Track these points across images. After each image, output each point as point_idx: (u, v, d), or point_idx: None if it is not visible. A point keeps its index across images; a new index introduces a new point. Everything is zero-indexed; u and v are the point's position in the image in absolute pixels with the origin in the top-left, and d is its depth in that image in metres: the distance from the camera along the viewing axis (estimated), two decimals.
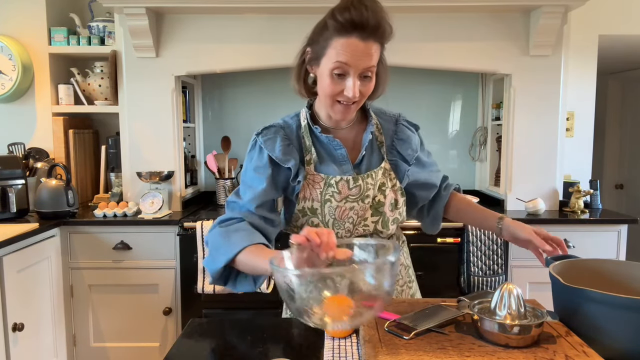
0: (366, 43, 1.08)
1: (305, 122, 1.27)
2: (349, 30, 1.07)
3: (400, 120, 1.35)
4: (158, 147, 2.69)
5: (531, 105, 2.66)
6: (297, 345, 1.06)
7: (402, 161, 1.30)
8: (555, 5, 2.45)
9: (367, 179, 1.23)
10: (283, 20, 2.59)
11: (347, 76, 1.10)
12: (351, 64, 1.09)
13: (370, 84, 1.14)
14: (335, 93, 1.13)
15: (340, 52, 1.09)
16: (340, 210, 1.22)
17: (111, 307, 2.50)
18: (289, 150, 1.22)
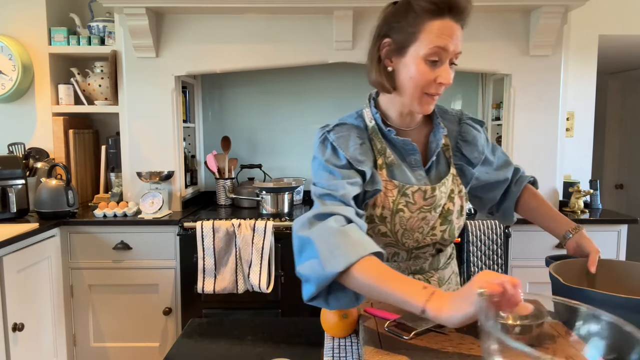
0: (458, 25, 1.02)
1: (373, 122, 1.15)
2: (444, 11, 1.00)
3: (464, 119, 1.25)
4: (158, 147, 2.69)
5: (531, 105, 2.66)
6: (297, 345, 1.06)
7: (467, 165, 1.21)
8: (555, 5, 2.45)
9: (440, 187, 1.15)
10: (283, 20, 2.59)
11: (440, 63, 1.02)
12: (448, 47, 1.00)
13: (453, 72, 1.05)
14: (427, 82, 1.03)
15: (438, 35, 1.00)
16: (412, 221, 1.13)
17: (111, 307, 2.50)
18: (363, 150, 1.09)
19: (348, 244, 0.91)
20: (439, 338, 0.97)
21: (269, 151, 3.19)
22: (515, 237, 2.46)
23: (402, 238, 1.15)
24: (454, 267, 1.32)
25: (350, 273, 0.88)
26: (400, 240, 1.15)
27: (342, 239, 0.91)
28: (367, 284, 0.87)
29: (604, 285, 1.07)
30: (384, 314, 1.07)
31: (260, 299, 2.39)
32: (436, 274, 1.24)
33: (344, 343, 1.03)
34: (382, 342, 0.95)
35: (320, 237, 0.93)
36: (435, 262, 1.24)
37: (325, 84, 3.11)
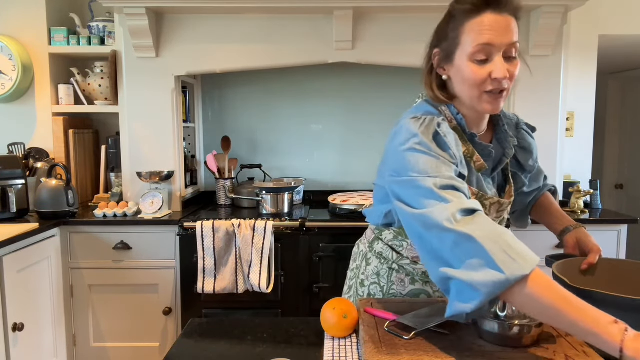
0: (503, 16, 0.97)
1: (455, 123, 1.07)
2: (481, 8, 0.98)
3: (521, 124, 1.21)
4: (158, 147, 2.69)
5: (531, 105, 2.66)
6: (297, 345, 1.06)
7: (521, 173, 1.18)
8: (555, 5, 2.45)
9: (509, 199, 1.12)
10: (283, 20, 2.59)
11: (491, 59, 0.99)
12: (493, 41, 0.97)
13: (516, 65, 1.01)
14: (482, 80, 0.99)
15: (478, 32, 0.98)
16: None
17: (111, 307, 2.50)
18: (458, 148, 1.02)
19: (518, 245, 0.81)
20: (439, 338, 0.97)
21: (269, 151, 3.19)
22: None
23: None
24: None
25: (524, 286, 0.78)
26: None
27: (510, 239, 0.82)
28: (542, 302, 0.78)
29: (609, 284, 1.06)
30: (384, 314, 1.07)
31: (260, 299, 2.39)
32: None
33: (344, 343, 1.03)
34: (382, 342, 0.95)
35: (487, 236, 0.82)
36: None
37: (325, 84, 3.11)
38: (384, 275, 1.25)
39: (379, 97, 3.10)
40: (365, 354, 0.91)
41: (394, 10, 2.52)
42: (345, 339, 1.05)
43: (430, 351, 0.91)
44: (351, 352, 0.98)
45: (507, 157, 1.12)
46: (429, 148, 0.98)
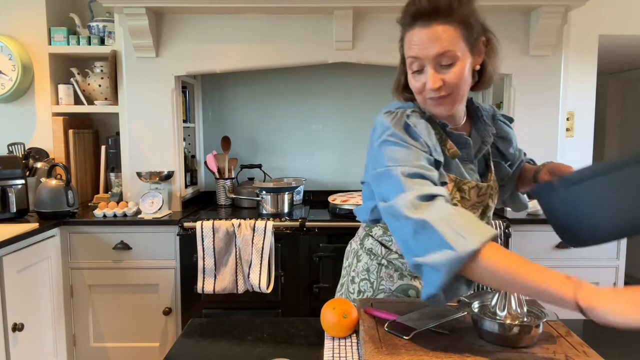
0: (430, 28, 1.00)
1: (427, 115, 1.12)
2: (411, 22, 1.03)
3: (498, 116, 1.25)
4: (158, 147, 2.69)
5: (531, 105, 2.66)
6: (297, 345, 1.06)
7: (503, 162, 1.23)
8: (555, 5, 2.45)
9: (492, 184, 1.16)
10: (283, 20, 2.59)
11: (425, 70, 1.04)
12: (419, 55, 1.02)
13: (454, 71, 1.02)
14: (419, 89, 1.07)
15: (408, 46, 1.04)
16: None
17: (111, 307, 2.50)
18: (431, 137, 1.06)
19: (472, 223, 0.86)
20: (439, 338, 0.97)
21: (269, 151, 3.19)
22: (515, 237, 2.46)
23: None
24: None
25: (478, 259, 0.84)
26: None
27: (464, 219, 0.87)
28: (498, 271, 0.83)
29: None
30: (384, 314, 1.07)
31: (260, 299, 2.39)
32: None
33: (344, 343, 1.03)
34: (382, 342, 0.95)
35: (440, 219, 0.87)
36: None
37: (325, 84, 3.11)
38: (374, 271, 1.27)
39: (379, 97, 3.10)
40: (365, 354, 0.91)
41: (394, 10, 2.51)
42: (345, 339, 1.05)
43: (430, 351, 0.91)
44: (351, 352, 0.98)
45: (486, 144, 1.17)
46: (401, 139, 1.03)
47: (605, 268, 2.50)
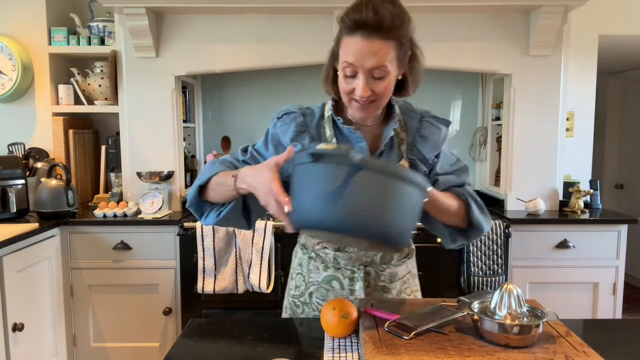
0: (371, 41, 1.04)
1: (330, 113, 1.25)
2: (352, 29, 1.06)
3: (426, 116, 1.28)
4: (158, 147, 2.69)
5: (531, 105, 2.66)
6: (297, 345, 1.06)
7: (420, 161, 1.24)
8: (555, 5, 2.45)
9: None
10: (283, 20, 2.59)
11: (357, 76, 1.08)
12: (356, 63, 1.06)
13: (384, 83, 1.09)
14: (348, 91, 1.11)
15: (346, 51, 1.07)
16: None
17: (111, 307, 2.50)
18: (300, 137, 1.21)
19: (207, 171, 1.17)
20: (439, 338, 0.97)
21: None
22: (515, 237, 2.46)
23: None
24: (410, 267, 1.35)
25: (208, 185, 1.16)
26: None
27: (207, 169, 1.19)
28: (214, 189, 1.15)
29: None
30: (384, 314, 1.07)
31: (260, 299, 2.39)
32: (387, 269, 1.28)
33: (344, 343, 1.03)
34: (382, 342, 0.95)
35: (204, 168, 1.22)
36: (387, 258, 1.28)
37: None
38: (305, 265, 1.33)
39: None
40: (365, 354, 0.91)
41: None
42: (345, 339, 1.05)
43: (430, 351, 0.91)
44: (351, 352, 0.98)
45: (385, 139, 1.21)
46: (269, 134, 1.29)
47: (605, 268, 2.50)
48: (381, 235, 0.89)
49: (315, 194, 0.88)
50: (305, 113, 1.26)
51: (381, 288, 1.28)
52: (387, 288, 1.28)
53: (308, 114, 1.27)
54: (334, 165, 0.87)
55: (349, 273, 1.25)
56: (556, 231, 2.48)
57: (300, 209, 0.91)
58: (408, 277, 1.34)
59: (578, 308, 2.52)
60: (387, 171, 0.88)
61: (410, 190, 0.91)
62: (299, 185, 0.92)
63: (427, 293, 1.49)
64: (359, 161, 0.86)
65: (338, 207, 0.86)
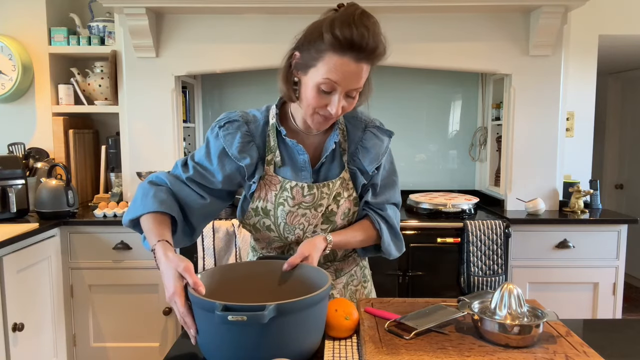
0: (358, 64, 1.05)
1: (274, 120, 1.24)
2: (344, 49, 1.03)
3: (370, 126, 1.27)
4: (158, 147, 2.69)
5: (531, 105, 2.66)
6: None
7: (360, 172, 1.24)
8: (555, 5, 2.45)
9: (322, 188, 1.20)
10: (283, 20, 2.59)
11: (333, 93, 1.07)
12: (340, 83, 1.06)
13: (353, 103, 1.11)
14: (318, 106, 1.10)
15: (332, 70, 1.05)
16: (291, 216, 1.20)
17: (111, 307, 2.50)
18: (247, 147, 1.19)
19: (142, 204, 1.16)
20: (439, 338, 0.97)
21: None
22: (515, 237, 2.46)
23: (285, 232, 1.22)
24: (359, 261, 1.37)
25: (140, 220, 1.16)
26: (282, 234, 1.22)
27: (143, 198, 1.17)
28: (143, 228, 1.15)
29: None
30: (384, 313, 1.07)
31: None
32: (332, 266, 1.31)
33: (344, 343, 1.03)
34: (382, 342, 0.95)
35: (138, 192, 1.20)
36: (331, 255, 1.29)
37: None
38: None
39: (378, 96, 3.10)
40: (365, 354, 0.91)
41: (393, 10, 2.52)
42: (345, 339, 1.05)
43: (430, 351, 0.91)
44: (351, 352, 0.98)
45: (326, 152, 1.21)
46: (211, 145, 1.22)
47: (605, 268, 2.50)
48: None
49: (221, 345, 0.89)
50: (248, 120, 1.24)
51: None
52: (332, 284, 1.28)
53: (251, 121, 1.24)
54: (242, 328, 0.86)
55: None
56: (556, 231, 2.48)
57: (202, 342, 0.95)
58: (355, 270, 1.36)
59: (578, 308, 2.52)
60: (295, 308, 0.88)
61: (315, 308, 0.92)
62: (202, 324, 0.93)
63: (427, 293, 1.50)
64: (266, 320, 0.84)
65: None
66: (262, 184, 1.21)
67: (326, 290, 0.94)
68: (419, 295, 2.35)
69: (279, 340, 0.87)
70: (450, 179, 3.21)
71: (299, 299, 0.87)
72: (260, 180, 1.21)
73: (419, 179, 3.17)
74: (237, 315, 0.82)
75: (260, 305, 0.83)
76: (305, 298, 0.88)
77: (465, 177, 3.21)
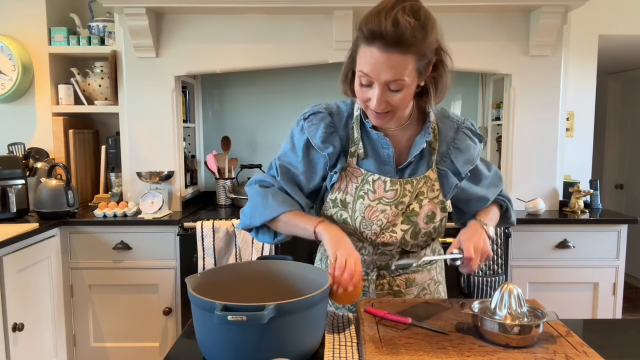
0: (388, 54, 0.99)
1: (358, 112, 1.20)
2: (370, 39, 1.00)
3: (463, 127, 1.24)
4: (158, 147, 2.69)
5: (531, 105, 2.66)
6: None
7: (452, 173, 1.21)
8: (555, 5, 2.45)
9: (405, 185, 1.17)
10: (283, 20, 2.59)
11: (373, 86, 1.05)
12: (372, 75, 1.02)
13: (400, 96, 1.05)
14: (363, 99, 1.08)
15: (362, 61, 1.03)
16: (370, 210, 1.18)
17: (111, 307, 2.50)
18: (330, 138, 1.18)
19: (266, 207, 1.19)
20: (439, 338, 0.97)
21: (269, 151, 3.19)
22: (515, 237, 2.46)
23: (361, 227, 1.19)
24: (433, 274, 1.31)
25: (276, 220, 1.19)
26: (358, 228, 1.20)
27: (264, 201, 1.20)
28: (283, 227, 1.20)
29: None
30: (384, 314, 1.07)
31: None
32: (404, 275, 1.27)
33: (344, 343, 1.03)
34: (382, 342, 0.95)
35: (253, 197, 1.22)
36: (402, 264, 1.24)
37: (325, 84, 3.10)
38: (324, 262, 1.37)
39: None
40: (365, 354, 0.91)
41: None
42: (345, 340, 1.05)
43: (431, 351, 0.91)
44: (351, 352, 0.98)
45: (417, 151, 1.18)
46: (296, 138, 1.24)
47: (605, 268, 2.50)
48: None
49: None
50: (332, 112, 1.21)
51: (395, 292, 1.26)
52: (401, 293, 1.26)
53: (335, 113, 1.22)
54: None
55: (362, 275, 1.21)
56: (556, 231, 2.48)
57: (202, 342, 0.97)
58: (429, 284, 1.30)
59: (578, 308, 2.52)
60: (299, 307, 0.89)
61: (315, 308, 0.93)
62: (202, 324, 0.94)
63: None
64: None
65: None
66: (344, 175, 1.20)
67: (326, 290, 0.94)
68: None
69: (279, 340, 0.87)
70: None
71: (298, 299, 0.88)
72: (342, 172, 1.20)
73: None
74: (236, 315, 0.82)
75: (260, 305, 0.83)
76: (305, 298, 0.88)
77: None
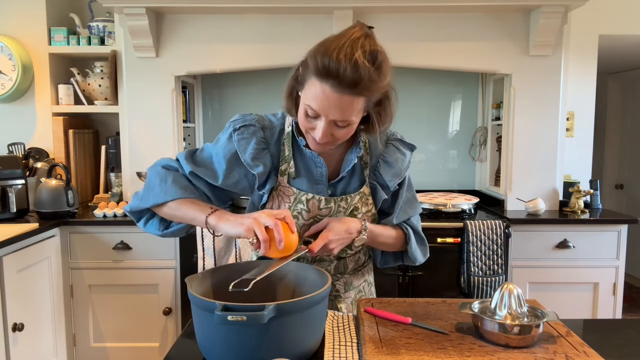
0: (340, 95, 0.95)
1: (290, 128, 1.16)
2: (323, 75, 0.95)
3: (391, 139, 1.22)
4: (158, 147, 2.69)
5: (531, 105, 2.66)
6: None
7: (381, 187, 1.20)
8: (555, 5, 2.45)
9: (340, 202, 1.17)
10: (283, 20, 2.59)
11: (319, 119, 1.01)
12: (320, 112, 0.99)
13: (345, 131, 1.03)
14: (307, 128, 1.05)
15: (310, 95, 0.99)
16: (306, 229, 1.16)
17: (111, 307, 2.50)
18: (261, 155, 1.13)
19: (162, 190, 1.13)
20: (439, 338, 0.97)
21: None
22: (515, 237, 2.46)
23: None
24: (367, 277, 1.34)
25: (165, 206, 1.14)
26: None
27: (162, 184, 1.14)
28: (173, 213, 1.13)
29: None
30: (384, 313, 1.07)
31: None
32: (342, 278, 1.27)
33: (344, 343, 1.03)
34: (382, 342, 0.95)
35: (152, 177, 1.16)
36: (342, 267, 1.26)
37: None
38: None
39: None
40: (365, 354, 0.91)
41: (394, 10, 2.52)
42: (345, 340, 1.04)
43: (431, 351, 0.91)
44: (351, 352, 0.98)
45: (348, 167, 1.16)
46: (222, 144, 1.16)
47: (605, 268, 2.50)
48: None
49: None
50: (264, 126, 1.16)
51: (334, 297, 1.26)
52: (340, 297, 1.26)
53: (268, 127, 1.16)
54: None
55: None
56: (556, 231, 2.48)
57: (201, 342, 0.96)
58: (364, 286, 1.33)
59: (578, 308, 2.52)
60: (297, 308, 0.88)
61: (315, 308, 0.92)
62: (202, 324, 0.94)
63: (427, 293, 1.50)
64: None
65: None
66: (275, 195, 1.16)
67: (326, 290, 0.94)
68: (419, 295, 2.35)
69: (279, 340, 0.87)
70: (450, 179, 3.21)
71: (298, 299, 0.88)
72: (272, 191, 1.16)
73: (419, 179, 3.17)
74: (236, 315, 0.82)
75: (260, 305, 0.83)
76: (305, 298, 0.88)
77: (465, 177, 3.21)
